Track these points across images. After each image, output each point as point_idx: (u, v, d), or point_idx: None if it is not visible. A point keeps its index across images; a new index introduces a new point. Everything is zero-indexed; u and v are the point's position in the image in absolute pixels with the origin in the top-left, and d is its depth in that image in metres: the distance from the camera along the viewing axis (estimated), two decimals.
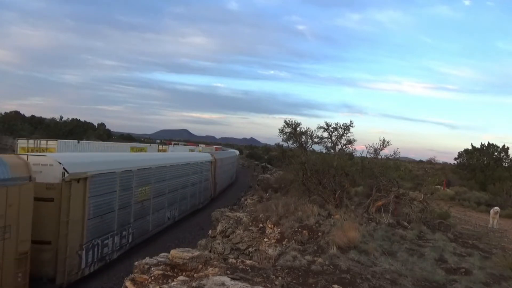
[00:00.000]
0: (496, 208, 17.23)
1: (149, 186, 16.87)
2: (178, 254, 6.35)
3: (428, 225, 13.12)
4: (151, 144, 67.88)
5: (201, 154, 30.55)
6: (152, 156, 21.84)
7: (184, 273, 6.06)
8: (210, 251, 10.35)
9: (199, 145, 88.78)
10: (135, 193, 15.43)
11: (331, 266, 7.11)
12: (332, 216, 12.45)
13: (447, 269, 8.06)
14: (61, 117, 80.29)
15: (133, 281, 6.05)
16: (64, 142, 31.34)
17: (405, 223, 12.83)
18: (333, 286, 5.92)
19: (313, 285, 5.94)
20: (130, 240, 15.41)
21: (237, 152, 63.98)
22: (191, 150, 55.25)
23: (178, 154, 31.53)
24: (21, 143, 29.06)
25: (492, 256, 9.53)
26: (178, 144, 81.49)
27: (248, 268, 6.47)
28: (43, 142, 29.21)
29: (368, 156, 16.20)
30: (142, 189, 16.11)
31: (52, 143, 28.90)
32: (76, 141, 33.77)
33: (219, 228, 13.75)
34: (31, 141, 29.37)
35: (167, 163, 19.61)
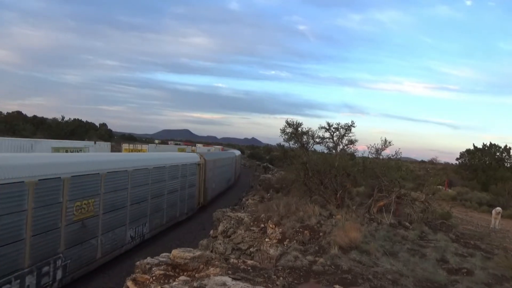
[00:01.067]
0: (498, 209, 17.21)
1: (96, 199, 12.57)
2: (179, 254, 6.36)
3: (429, 225, 13.11)
4: (149, 144, 66.51)
5: (185, 155, 24.65)
6: (99, 158, 15.06)
7: (185, 273, 6.07)
8: (211, 251, 10.34)
9: (197, 145, 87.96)
10: (69, 209, 11.23)
11: (333, 267, 7.11)
12: (334, 216, 12.44)
13: (448, 269, 8.05)
14: (63, 117, 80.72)
15: (134, 281, 6.06)
16: None
17: (407, 224, 12.82)
18: (335, 286, 5.92)
19: (315, 286, 5.93)
20: (59, 277, 10.87)
21: (236, 152, 56.64)
22: (181, 150, 50.83)
23: (149, 155, 24.97)
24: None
25: (494, 256, 9.51)
26: (179, 144, 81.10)
27: (249, 268, 6.47)
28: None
29: (370, 156, 16.19)
30: (83, 202, 12.00)
31: None
32: None
33: (220, 228, 13.74)
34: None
35: (128, 167, 14.80)
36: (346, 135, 17.84)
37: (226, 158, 38.96)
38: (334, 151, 18.30)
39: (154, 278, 5.92)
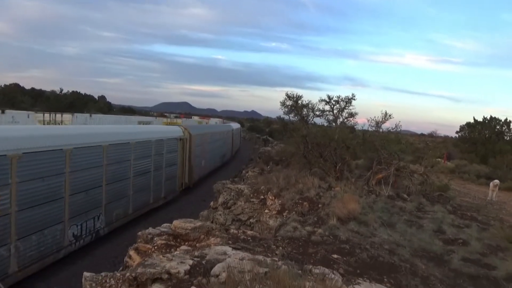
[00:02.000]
0: (496, 181, 17.37)
1: (4, 191, 9.10)
2: (180, 224, 6.46)
3: (427, 197, 13.26)
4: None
5: (161, 129, 21.29)
6: (11, 132, 10.81)
7: (186, 243, 6.18)
8: (212, 222, 10.51)
9: (193, 117, 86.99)
10: None
11: (331, 237, 7.24)
12: (333, 188, 12.57)
13: (445, 240, 8.21)
14: (61, 90, 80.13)
15: (136, 250, 6.18)
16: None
17: (405, 196, 12.97)
18: (333, 255, 6.04)
19: (313, 255, 6.06)
20: None
21: (234, 125, 51.51)
22: (173, 123, 42.04)
23: (103, 128, 19.28)
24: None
25: (490, 227, 9.69)
26: (178, 117, 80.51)
27: (249, 238, 6.59)
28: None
29: (370, 129, 16.17)
30: None
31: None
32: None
33: (220, 199, 13.91)
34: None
35: (64, 145, 11.19)
36: (346, 108, 17.73)
37: (219, 132, 34.83)
38: (334, 124, 18.25)
39: (156, 247, 6.04)
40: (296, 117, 19.41)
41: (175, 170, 20.42)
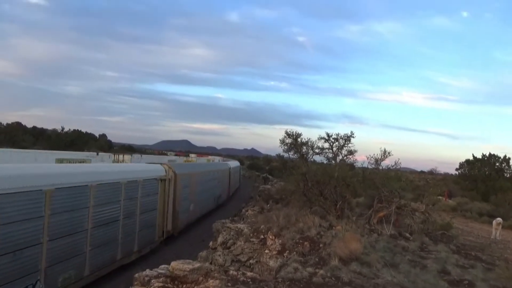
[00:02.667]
0: (499, 219, 17.17)
1: None
2: (178, 266, 6.32)
3: (430, 236, 13.05)
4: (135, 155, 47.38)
5: (135, 168, 17.39)
6: None
7: (184, 285, 6.02)
8: (211, 263, 10.27)
9: (190, 155, 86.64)
10: None
11: (333, 278, 7.06)
12: (334, 227, 12.39)
13: (450, 281, 8.00)
14: (63, 128, 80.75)
15: None
16: None
17: (407, 234, 12.77)
18: None
19: None
20: None
21: (232, 163, 47.67)
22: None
23: (51, 168, 13.32)
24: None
25: (495, 267, 9.46)
26: (178, 156, 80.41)
27: (249, 280, 6.43)
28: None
29: (369, 166, 16.19)
30: None
31: None
32: None
33: (220, 239, 13.68)
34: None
35: None
36: (346, 145, 17.87)
37: (213, 171, 31.08)
38: (333, 161, 18.30)
39: None
40: (295, 155, 19.50)
41: (154, 217, 16.81)
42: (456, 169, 42.24)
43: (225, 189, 36.16)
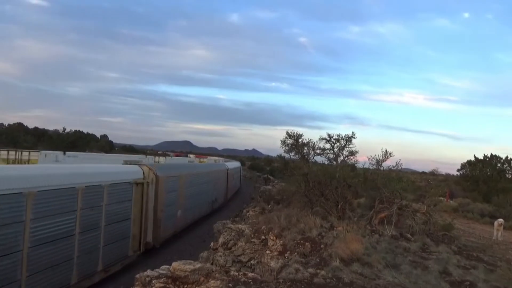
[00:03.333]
0: (500, 220, 17.14)
1: None
2: (179, 266, 6.32)
3: (431, 237, 13.03)
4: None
5: (101, 170, 14.47)
6: None
7: (185, 286, 6.02)
8: (212, 264, 10.27)
9: (189, 155, 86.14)
10: None
11: (334, 279, 7.05)
12: (335, 228, 12.38)
13: (451, 282, 7.98)
14: (64, 129, 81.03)
15: None
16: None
17: (409, 235, 12.75)
18: None
19: None
20: None
21: (231, 164, 43.49)
22: (128, 162, 28.23)
23: None
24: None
25: (497, 268, 9.43)
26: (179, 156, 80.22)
27: (250, 280, 6.42)
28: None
29: (371, 167, 16.20)
30: None
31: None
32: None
33: (221, 240, 13.67)
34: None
35: None
36: (347, 146, 17.90)
37: (208, 172, 27.76)
38: (334, 162, 18.30)
39: None
40: (296, 156, 19.52)
41: (127, 227, 14.19)
42: (458, 170, 42.26)
43: (222, 192, 33.19)
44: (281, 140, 19.25)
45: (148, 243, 15.69)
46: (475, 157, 39.12)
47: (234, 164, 47.51)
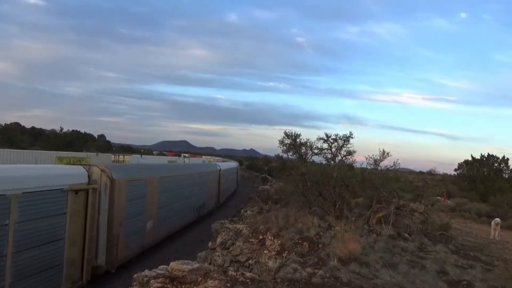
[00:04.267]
0: (497, 220, 17.18)
1: None
2: (177, 266, 6.31)
3: (429, 236, 13.05)
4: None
5: (24, 173, 10.25)
6: None
7: (183, 286, 6.01)
8: (209, 263, 10.27)
9: (182, 155, 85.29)
10: None
11: (332, 279, 7.05)
12: (333, 228, 12.39)
13: (449, 281, 8.00)
14: (61, 129, 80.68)
15: None
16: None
17: (406, 235, 12.76)
18: None
19: None
20: None
21: (221, 165, 38.56)
22: (78, 160, 29.94)
23: None
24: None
25: (494, 268, 9.46)
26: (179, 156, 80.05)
27: (248, 280, 6.42)
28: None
29: (368, 167, 16.21)
30: None
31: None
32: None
33: (218, 240, 13.66)
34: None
35: None
36: (345, 146, 17.91)
37: (191, 175, 23.47)
38: (332, 162, 18.31)
39: None
40: (294, 155, 19.51)
41: (59, 251, 10.72)
42: (455, 170, 42.35)
43: (213, 196, 29.58)
44: (279, 140, 19.26)
45: (99, 267, 12.44)
46: (472, 156, 39.25)
47: (229, 164, 44.25)
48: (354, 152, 17.95)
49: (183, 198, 21.20)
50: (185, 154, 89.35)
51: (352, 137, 17.75)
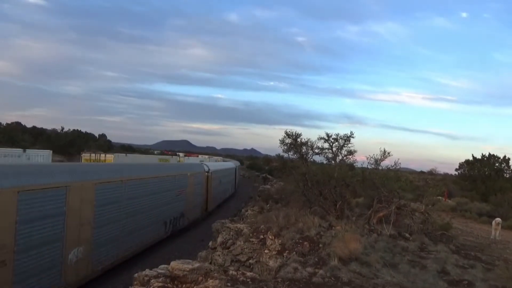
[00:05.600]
0: (498, 219, 17.16)
1: None
2: (178, 265, 6.31)
3: (430, 236, 13.05)
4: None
5: None
6: None
7: (184, 285, 6.02)
8: (210, 263, 10.27)
9: (179, 154, 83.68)
10: None
11: (333, 278, 7.05)
12: (333, 227, 12.38)
13: (449, 281, 8.00)
14: (62, 128, 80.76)
15: None
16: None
17: (407, 235, 12.77)
18: None
19: None
20: None
21: (211, 165, 31.40)
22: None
23: None
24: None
25: (495, 268, 9.46)
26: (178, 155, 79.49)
27: (248, 280, 6.42)
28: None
29: (369, 167, 16.18)
30: None
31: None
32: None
33: (219, 239, 13.66)
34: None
35: None
36: (345, 145, 17.83)
37: (160, 178, 18.17)
38: (333, 161, 18.28)
39: None
40: (295, 155, 19.46)
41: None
42: (456, 170, 42.28)
43: (198, 204, 24.94)
44: (279, 140, 19.15)
45: None
46: (473, 156, 39.17)
47: (223, 165, 39.14)
48: (355, 151, 17.89)
49: (146, 210, 16.27)
50: (179, 153, 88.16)
51: (352, 137, 17.69)
